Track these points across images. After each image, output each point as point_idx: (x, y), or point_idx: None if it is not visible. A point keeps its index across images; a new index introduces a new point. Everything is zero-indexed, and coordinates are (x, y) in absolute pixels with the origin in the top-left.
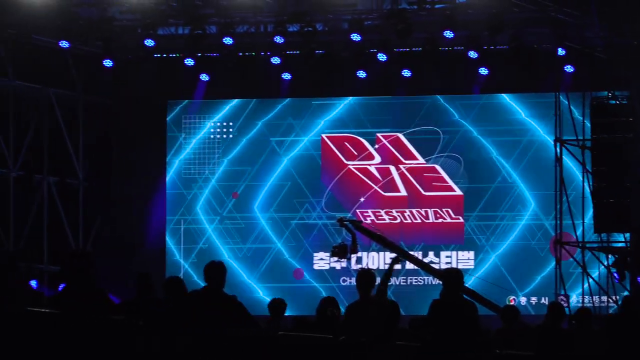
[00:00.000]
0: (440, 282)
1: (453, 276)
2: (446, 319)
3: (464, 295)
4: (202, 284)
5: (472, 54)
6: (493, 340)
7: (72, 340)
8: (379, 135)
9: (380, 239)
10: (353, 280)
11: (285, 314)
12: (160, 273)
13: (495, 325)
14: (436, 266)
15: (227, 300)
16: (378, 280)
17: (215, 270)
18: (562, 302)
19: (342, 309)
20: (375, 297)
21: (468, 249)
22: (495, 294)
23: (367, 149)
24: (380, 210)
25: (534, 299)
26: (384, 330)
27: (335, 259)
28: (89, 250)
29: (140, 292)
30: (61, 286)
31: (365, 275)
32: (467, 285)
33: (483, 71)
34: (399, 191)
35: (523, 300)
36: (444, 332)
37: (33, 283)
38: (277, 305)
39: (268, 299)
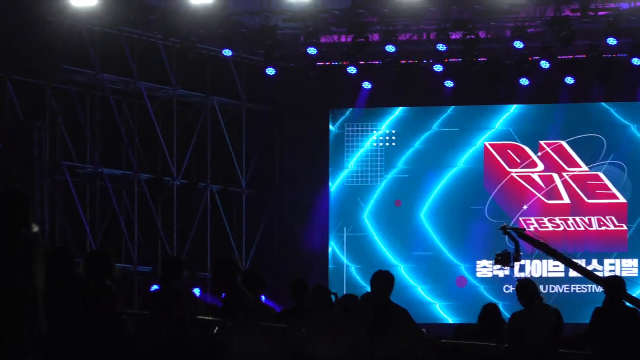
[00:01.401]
0: (604, 290)
1: (616, 284)
2: (609, 327)
3: (627, 303)
4: (366, 290)
5: (636, 61)
6: None
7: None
8: (542, 142)
9: (543, 247)
10: None
11: (450, 322)
12: (323, 280)
13: None
14: (599, 274)
15: (392, 309)
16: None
17: (381, 279)
18: None
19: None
20: (540, 306)
21: (632, 257)
22: None
23: (530, 157)
24: (543, 217)
25: None
26: (549, 339)
27: (499, 266)
28: (233, 257)
29: (297, 299)
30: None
31: (526, 285)
32: (631, 293)
33: None
34: (562, 199)
35: None
36: (608, 339)
37: (196, 291)
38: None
39: (431, 305)
